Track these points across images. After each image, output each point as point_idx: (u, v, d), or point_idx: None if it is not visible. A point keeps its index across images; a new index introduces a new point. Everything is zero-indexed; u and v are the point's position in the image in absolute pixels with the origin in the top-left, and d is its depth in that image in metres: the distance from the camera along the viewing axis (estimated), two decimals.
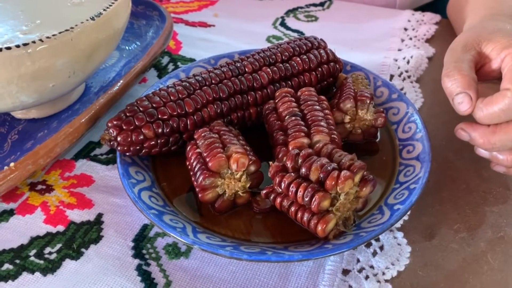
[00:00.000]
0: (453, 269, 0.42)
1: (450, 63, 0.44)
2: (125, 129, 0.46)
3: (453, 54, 0.45)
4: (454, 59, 0.44)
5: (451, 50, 0.46)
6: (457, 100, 0.42)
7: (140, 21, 0.69)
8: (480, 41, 0.44)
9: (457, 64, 0.43)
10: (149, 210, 0.42)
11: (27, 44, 0.43)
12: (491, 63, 0.44)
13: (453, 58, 0.44)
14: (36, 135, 0.53)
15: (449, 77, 0.43)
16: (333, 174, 0.39)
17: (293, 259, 0.38)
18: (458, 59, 0.44)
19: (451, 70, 0.43)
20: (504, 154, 0.44)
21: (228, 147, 0.43)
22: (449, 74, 0.43)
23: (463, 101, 0.42)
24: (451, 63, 0.44)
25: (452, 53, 0.45)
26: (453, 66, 0.43)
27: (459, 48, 0.45)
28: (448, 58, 0.45)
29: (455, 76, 0.42)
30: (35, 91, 0.47)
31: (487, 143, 0.42)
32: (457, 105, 0.43)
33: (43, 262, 0.43)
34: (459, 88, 0.42)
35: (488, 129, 0.42)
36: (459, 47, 0.45)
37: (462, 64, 0.43)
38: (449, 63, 0.44)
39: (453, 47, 0.46)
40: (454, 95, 0.43)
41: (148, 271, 0.42)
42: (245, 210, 0.45)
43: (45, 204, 0.48)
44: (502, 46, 0.43)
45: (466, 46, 0.45)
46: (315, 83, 0.54)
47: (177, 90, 0.48)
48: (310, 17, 0.77)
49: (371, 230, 0.40)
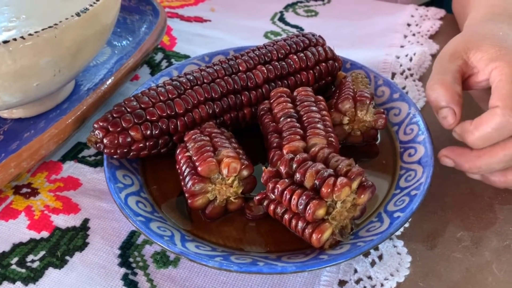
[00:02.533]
0: (456, 280, 0.40)
1: (435, 74, 0.44)
2: (111, 131, 0.44)
3: (439, 65, 0.45)
4: (439, 71, 0.44)
5: (439, 59, 0.45)
6: (441, 115, 0.43)
7: (133, 16, 0.67)
8: (468, 48, 0.44)
9: (441, 76, 0.43)
10: (135, 217, 0.40)
11: (7, 41, 0.41)
12: (478, 74, 0.43)
13: (438, 69, 0.44)
14: (22, 135, 0.51)
15: (433, 90, 0.43)
16: (329, 181, 0.36)
17: (286, 271, 0.36)
18: (443, 71, 0.44)
19: (434, 83, 0.43)
20: (496, 175, 0.43)
21: (219, 151, 0.41)
22: (433, 87, 0.43)
23: (447, 115, 0.42)
24: (435, 74, 0.44)
25: (439, 63, 0.45)
26: (437, 78, 0.43)
27: (446, 57, 0.45)
28: (435, 68, 0.45)
29: (438, 90, 0.42)
30: (18, 91, 0.45)
31: (473, 167, 0.42)
32: (441, 119, 0.43)
33: (25, 271, 0.41)
34: (443, 102, 0.42)
35: (473, 153, 0.42)
36: (446, 56, 0.45)
37: (446, 76, 0.43)
38: (434, 74, 0.44)
39: (441, 56, 0.46)
40: (438, 109, 0.43)
41: (135, 281, 0.40)
42: (237, 217, 0.43)
43: (30, 209, 0.46)
44: (490, 58, 0.42)
45: (454, 55, 0.44)
46: (313, 82, 0.51)
47: (167, 90, 0.46)
48: (310, 12, 0.75)
49: (370, 240, 0.38)
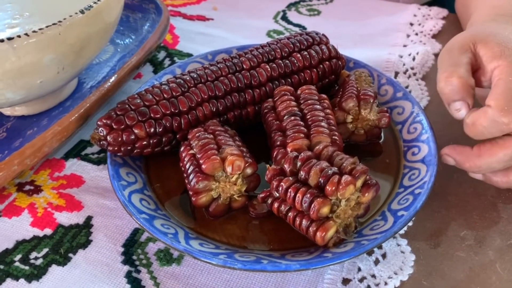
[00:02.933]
0: (460, 279, 0.40)
1: (447, 66, 0.43)
2: (115, 128, 0.43)
3: (450, 56, 0.44)
4: (451, 62, 0.43)
5: (448, 51, 0.44)
6: (454, 107, 0.42)
7: (136, 14, 0.67)
8: (476, 41, 0.43)
9: (455, 68, 0.42)
10: (139, 214, 0.40)
11: (11, 38, 0.41)
12: (481, 70, 0.43)
13: (450, 61, 0.43)
14: (25, 133, 0.50)
15: (447, 82, 0.42)
16: (333, 179, 0.36)
17: (290, 269, 0.36)
18: (455, 62, 0.42)
19: (449, 76, 0.42)
20: (498, 176, 0.43)
21: (223, 149, 0.41)
22: (447, 79, 0.42)
23: (461, 108, 0.42)
24: (449, 66, 0.43)
25: (449, 55, 0.44)
26: (451, 70, 0.42)
27: (456, 50, 0.44)
28: (445, 60, 0.44)
29: (454, 82, 0.41)
30: (22, 88, 0.45)
31: (473, 166, 0.42)
32: (454, 112, 0.42)
33: (28, 268, 0.41)
34: (458, 95, 0.41)
35: (473, 152, 0.42)
36: (455, 48, 0.44)
37: (460, 68, 0.42)
38: (447, 65, 0.43)
39: (450, 48, 0.44)
40: (451, 101, 0.42)
41: (138, 279, 0.40)
42: (241, 215, 0.43)
43: (33, 206, 0.46)
44: (493, 55, 0.42)
45: (463, 47, 0.43)
46: (316, 80, 0.51)
47: (170, 87, 0.46)
48: (312, 11, 0.75)
49: (374, 238, 0.38)
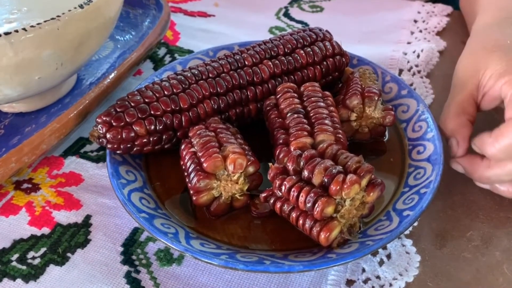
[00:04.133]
0: (466, 280, 0.39)
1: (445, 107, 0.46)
2: (115, 125, 0.43)
3: (450, 96, 0.47)
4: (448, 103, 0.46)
5: (452, 86, 0.48)
6: (449, 143, 0.45)
7: (137, 10, 0.66)
8: (478, 70, 0.45)
9: (447, 109, 0.46)
10: (139, 213, 0.39)
11: (9, 33, 0.40)
12: (490, 91, 0.44)
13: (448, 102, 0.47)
14: (23, 130, 0.50)
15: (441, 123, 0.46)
16: (338, 178, 0.36)
17: (293, 270, 0.35)
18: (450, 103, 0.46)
19: (443, 116, 0.46)
20: (505, 186, 0.43)
21: (225, 147, 0.40)
22: (440, 120, 0.46)
23: (451, 144, 0.44)
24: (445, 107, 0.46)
25: (450, 94, 0.47)
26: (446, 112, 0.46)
27: (457, 87, 0.47)
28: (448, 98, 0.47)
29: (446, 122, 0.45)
30: (20, 84, 0.44)
31: (482, 177, 0.43)
32: (449, 147, 0.45)
33: (26, 268, 0.40)
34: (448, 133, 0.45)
35: (483, 163, 0.43)
36: (458, 85, 0.47)
37: (452, 109, 0.45)
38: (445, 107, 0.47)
39: (454, 83, 0.48)
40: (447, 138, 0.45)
41: (138, 279, 0.39)
42: (242, 214, 0.42)
43: (31, 204, 0.45)
44: (498, 74, 0.43)
45: (463, 84, 0.46)
46: (320, 77, 0.50)
47: (171, 84, 0.45)
48: (315, 8, 0.74)
49: (378, 239, 0.37)
